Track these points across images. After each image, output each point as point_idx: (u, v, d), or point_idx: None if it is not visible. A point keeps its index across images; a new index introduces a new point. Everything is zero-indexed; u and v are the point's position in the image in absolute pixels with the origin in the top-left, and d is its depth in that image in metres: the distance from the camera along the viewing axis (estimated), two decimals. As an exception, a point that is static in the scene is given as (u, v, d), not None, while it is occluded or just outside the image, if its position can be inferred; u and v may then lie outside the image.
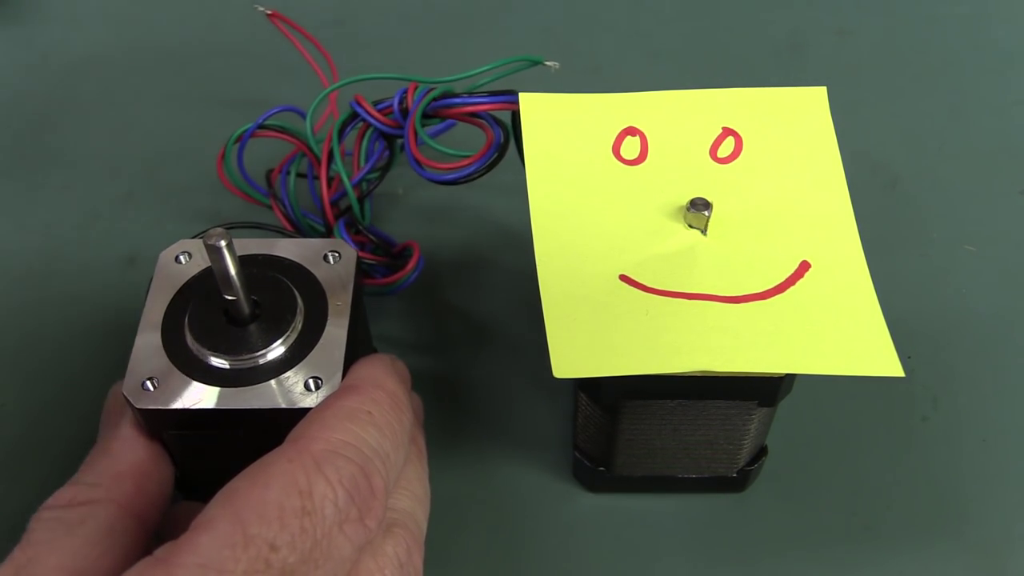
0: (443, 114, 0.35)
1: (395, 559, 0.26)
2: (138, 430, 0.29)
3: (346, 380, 0.28)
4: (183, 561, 0.22)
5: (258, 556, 0.22)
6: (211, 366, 0.28)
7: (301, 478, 0.24)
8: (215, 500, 0.23)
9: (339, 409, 0.26)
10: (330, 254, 0.31)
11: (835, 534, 0.35)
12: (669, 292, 0.29)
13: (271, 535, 0.22)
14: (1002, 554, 0.34)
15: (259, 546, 0.22)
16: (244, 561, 0.22)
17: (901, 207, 0.46)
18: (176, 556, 0.22)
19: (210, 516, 0.23)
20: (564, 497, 0.36)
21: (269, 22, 0.42)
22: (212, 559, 0.22)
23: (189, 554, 0.22)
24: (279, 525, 0.23)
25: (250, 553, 0.22)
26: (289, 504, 0.23)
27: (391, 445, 0.26)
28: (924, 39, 0.54)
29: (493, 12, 0.56)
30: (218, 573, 0.22)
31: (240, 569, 0.22)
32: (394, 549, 0.26)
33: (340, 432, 0.25)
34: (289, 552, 0.23)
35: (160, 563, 0.22)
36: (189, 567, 0.22)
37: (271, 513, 0.23)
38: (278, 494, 0.23)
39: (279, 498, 0.23)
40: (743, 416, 0.31)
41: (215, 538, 0.22)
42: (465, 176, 0.34)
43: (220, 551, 0.22)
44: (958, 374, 0.39)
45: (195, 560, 0.22)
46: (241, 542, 0.22)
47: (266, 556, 0.22)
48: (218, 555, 0.22)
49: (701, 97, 0.34)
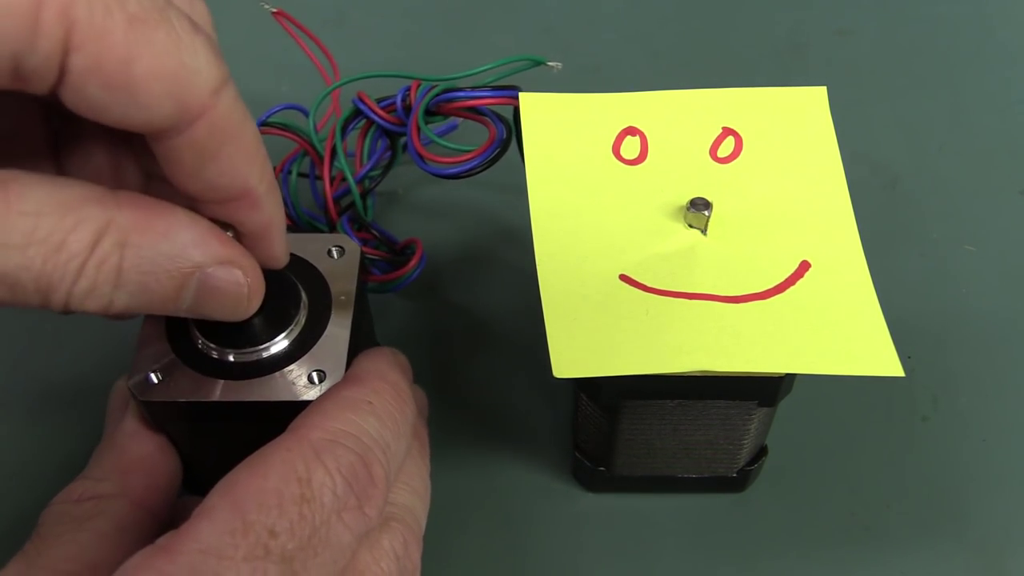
0: (446, 109, 0.35)
1: (391, 553, 0.26)
2: (143, 423, 0.29)
3: (349, 371, 0.28)
4: (184, 548, 0.22)
5: (257, 542, 0.22)
6: (215, 359, 0.28)
7: (300, 466, 0.24)
8: (215, 490, 0.24)
9: (339, 399, 0.26)
10: (334, 249, 0.31)
11: (835, 534, 0.35)
12: (669, 292, 0.29)
13: (270, 521, 0.23)
14: (1002, 554, 0.34)
15: (258, 532, 0.22)
16: (243, 547, 0.22)
17: (901, 207, 0.46)
18: (177, 544, 0.22)
19: (210, 504, 0.23)
20: (564, 497, 0.36)
21: (270, 20, 0.42)
22: (212, 545, 0.22)
23: (190, 541, 0.22)
24: (278, 512, 0.23)
25: (249, 539, 0.22)
26: (288, 491, 0.23)
27: (392, 435, 0.26)
28: (924, 39, 0.54)
29: (494, 11, 0.56)
30: (218, 559, 0.22)
31: (240, 555, 0.22)
32: (391, 543, 0.26)
33: (339, 422, 0.25)
34: (288, 538, 0.23)
35: (161, 551, 0.22)
36: (190, 553, 0.22)
37: (270, 500, 0.23)
38: (277, 482, 0.23)
39: (278, 486, 0.23)
40: (743, 416, 0.31)
41: (215, 525, 0.22)
42: (467, 170, 0.34)
43: (220, 537, 0.22)
44: (958, 374, 0.39)
45: (196, 547, 0.22)
46: (240, 528, 0.22)
47: (265, 542, 0.22)
48: (218, 541, 0.22)
49: (701, 97, 0.34)
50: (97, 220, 0.21)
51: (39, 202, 0.21)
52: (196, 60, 0.22)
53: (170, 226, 0.23)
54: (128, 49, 0.20)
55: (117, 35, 0.20)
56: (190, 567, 0.22)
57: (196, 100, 0.22)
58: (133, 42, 0.20)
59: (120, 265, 0.22)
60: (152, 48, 0.21)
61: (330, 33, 0.44)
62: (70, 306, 0.22)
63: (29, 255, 0.21)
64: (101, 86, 0.20)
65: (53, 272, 0.21)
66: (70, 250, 0.21)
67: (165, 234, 0.23)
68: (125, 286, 0.22)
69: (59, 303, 0.22)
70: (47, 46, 0.20)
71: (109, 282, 0.22)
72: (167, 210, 0.23)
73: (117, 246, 0.22)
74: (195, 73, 0.22)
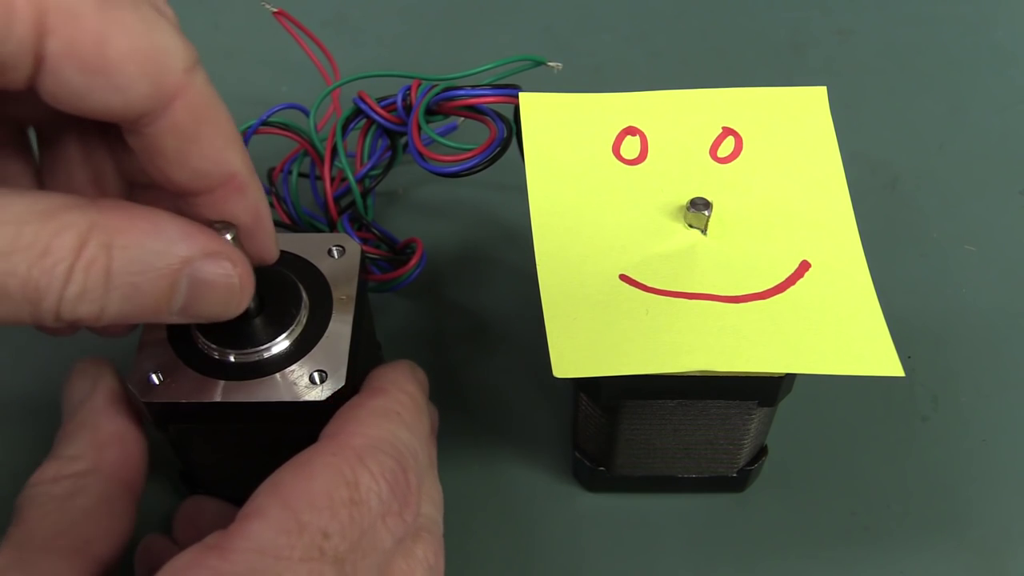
0: (447, 107, 0.35)
1: (424, 562, 0.27)
2: (112, 401, 0.29)
3: (370, 382, 0.29)
4: (237, 546, 0.22)
5: (312, 543, 0.22)
6: (216, 360, 0.28)
7: (347, 470, 0.24)
8: (260, 490, 0.24)
9: (373, 408, 0.27)
10: (334, 248, 0.31)
11: (835, 534, 0.35)
12: (669, 292, 0.29)
13: (323, 523, 0.23)
14: (1002, 554, 0.34)
15: (312, 533, 0.22)
16: (299, 548, 0.22)
17: (901, 207, 0.46)
18: (229, 542, 0.22)
19: (258, 504, 0.23)
20: (564, 497, 0.36)
21: (271, 21, 0.42)
22: (268, 545, 0.22)
23: (243, 539, 0.22)
24: (330, 514, 0.23)
25: (304, 540, 0.22)
26: (338, 494, 0.23)
27: (419, 445, 0.27)
28: (924, 39, 0.54)
29: (494, 11, 0.56)
30: (275, 559, 0.22)
31: (296, 556, 0.22)
32: (424, 552, 0.27)
33: (377, 429, 0.26)
34: (340, 540, 0.23)
35: (213, 549, 0.22)
36: (245, 552, 0.22)
37: (321, 502, 0.23)
38: (326, 484, 0.23)
39: (327, 488, 0.23)
40: (743, 416, 0.31)
41: (268, 525, 0.22)
42: (468, 168, 0.34)
43: (275, 537, 0.22)
44: (958, 374, 0.39)
45: (249, 546, 0.22)
46: (296, 529, 0.22)
47: (320, 544, 0.22)
48: (273, 541, 0.22)
49: (701, 97, 0.34)
50: (79, 224, 0.21)
51: (19, 212, 0.21)
52: (166, 40, 0.22)
53: (153, 224, 0.23)
54: (100, 30, 0.20)
55: (89, 17, 0.20)
56: (248, 567, 0.22)
57: (171, 79, 0.22)
58: (105, 23, 0.20)
59: (109, 267, 0.22)
60: (124, 28, 0.21)
61: (330, 33, 0.44)
62: (62, 313, 0.22)
63: (13, 262, 0.21)
64: (78, 70, 0.21)
65: (40, 277, 0.21)
66: (55, 254, 0.21)
67: (149, 232, 0.22)
68: (116, 289, 0.22)
69: (50, 311, 0.21)
70: (21, 30, 0.20)
71: (99, 285, 0.22)
72: (149, 211, 0.23)
73: (103, 247, 0.22)
74: (167, 53, 0.22)
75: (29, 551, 0.25)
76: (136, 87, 0.21)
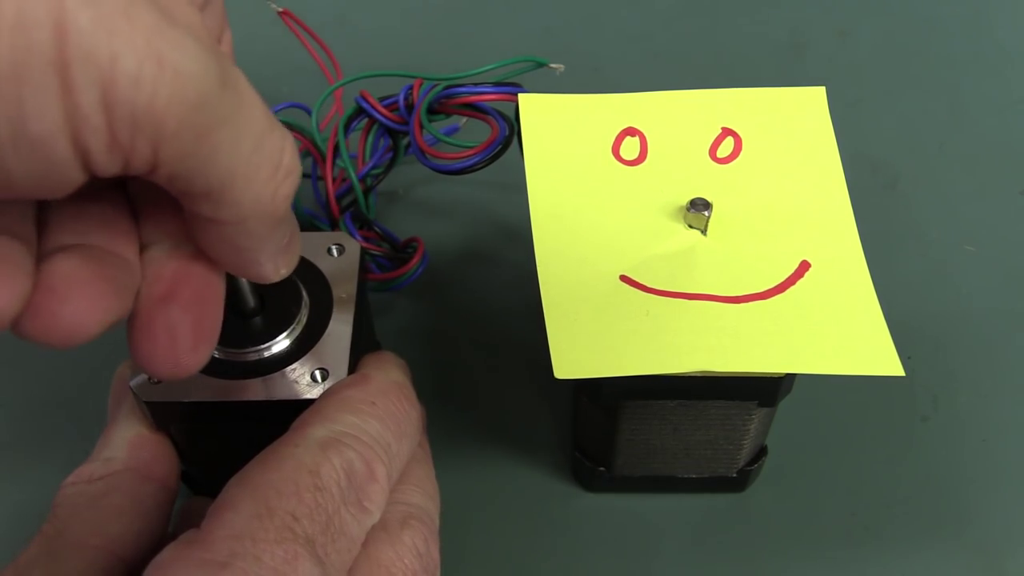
0: (448, 105, 0.35)
1: (413, 548, 0.27)
2: None
3: (355, 372, 0.29)
4: (215, 535, 0.23)
5: (283, 525, 0.23)
6: (217, 359, 0.28)
7: (308, 459, 0.25)
8: (230, 484, 0.24)
9: (341, 399, 0.27)
10: (334, 247, 0.31)
11: (835, 534, 0.35)
12: (669, 292, 0.29)
13: (291, 506, 0.23)
14: (1002, 554, 0.34)
15: (282, 515, 0.23)
16: (272, 530, 0.23)
17: (901, 207, 0.46)
18: (206, 534, 0.23)
19: (229, 496, 0.24)
20: (564, 497, 0.36)
21: (273, 20, 0.42)
22: (243, 530, 0.23)
23: (219, 528, 0.23)
24: (296, 499, 0.24)
25: (276, 522, 0.23)
26: (302, 481, 0.24)
27: (393, 435, 0.27)
28: (924, 39, 0.54)
29: (494, 11, 0.56)
30: (252, 542, 0.22)
31: (271, 538, 0.23)
32: (412, 539, 0.27)
33: (341, 422, 0.26)
34: (309, 523, 0.24)
35: (192, 542, 0.23)
36: (223, 539, 0.22)
37: (287, 488, 0.24)
38: (291, 473, 0.24)
39: (292, 476, 0.24)
40: (743, 416, 0.31)
41: (240, 513, 0.23)
42: (469, 166, 0.34)
43: (248, 522, 0.23)
44: (958, 374, 0.39)
45: (226, 533, 0.23)
46: (266, 512, 0.23)
47: (291, 525, 0.23)
48: (247, 526, 0.23)
49: (701, 97, 0.34)
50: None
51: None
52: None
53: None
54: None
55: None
56: (228, 552, 0.22)
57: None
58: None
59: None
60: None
61: (332, 33, 0.44)
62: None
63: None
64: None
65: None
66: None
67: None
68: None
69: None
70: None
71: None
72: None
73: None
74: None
75: (61, 547, 0.26)
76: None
